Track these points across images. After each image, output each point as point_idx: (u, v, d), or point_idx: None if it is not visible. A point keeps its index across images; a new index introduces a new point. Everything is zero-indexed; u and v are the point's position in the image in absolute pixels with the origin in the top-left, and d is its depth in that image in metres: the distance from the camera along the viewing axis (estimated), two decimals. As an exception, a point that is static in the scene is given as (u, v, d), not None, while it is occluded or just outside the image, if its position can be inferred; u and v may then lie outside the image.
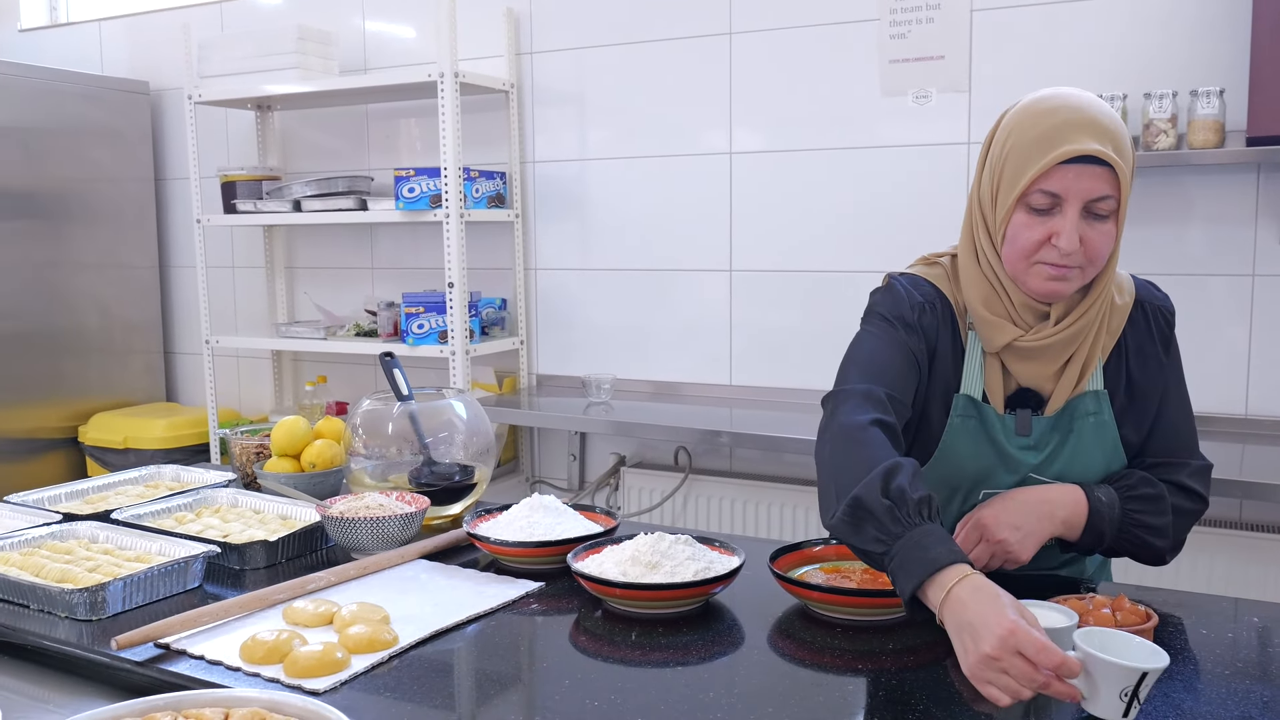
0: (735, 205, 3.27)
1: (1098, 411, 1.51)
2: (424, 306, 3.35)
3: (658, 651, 1.36)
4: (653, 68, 3.34)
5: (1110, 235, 1.39)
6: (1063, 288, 1.42)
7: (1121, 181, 1.36)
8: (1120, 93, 2.60)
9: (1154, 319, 1.55)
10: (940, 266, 1.58)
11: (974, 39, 2.91)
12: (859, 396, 1.43)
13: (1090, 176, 1.35)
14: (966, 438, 1.52)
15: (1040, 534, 1.45)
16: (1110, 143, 1.36)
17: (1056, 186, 1.37)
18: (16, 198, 3.81)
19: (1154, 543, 1.50)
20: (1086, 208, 1.37)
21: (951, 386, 1.53)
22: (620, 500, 3.42)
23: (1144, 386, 1.53)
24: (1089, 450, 1.51)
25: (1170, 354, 1.56)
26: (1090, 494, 1.48)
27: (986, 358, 1.51)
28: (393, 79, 3.38)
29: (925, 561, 1.20)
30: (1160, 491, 1.50)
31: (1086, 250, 1.38)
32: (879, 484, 1.27)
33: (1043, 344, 1.46)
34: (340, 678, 1.27)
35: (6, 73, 3.83)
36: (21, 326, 3.82)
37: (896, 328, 1.51)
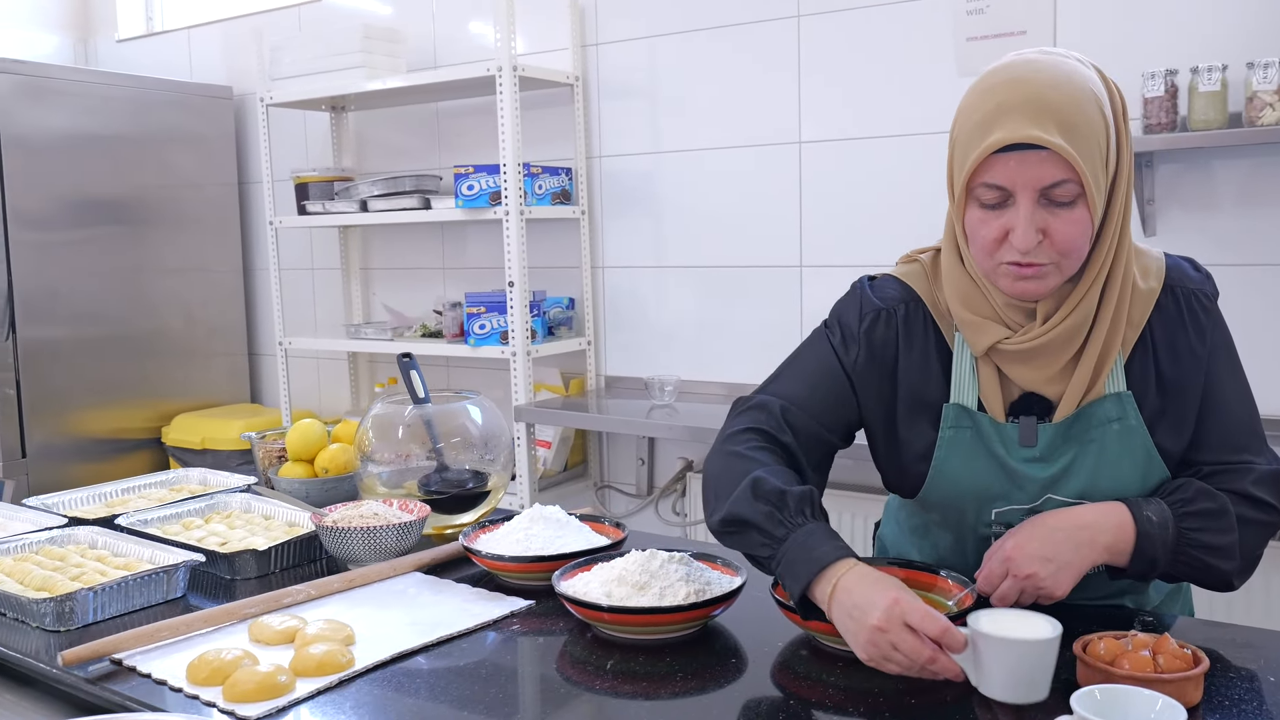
0: (805, 196, 3.10)
1: (1121, 417, 1.30)
2: (485, 306, 3.28)
3: (633, 682, 1.23)
4: (719, 55, 3.19)
5: (1080, 222, 1.21)
6: (1036, 287, 1.25)
7: (1076, 163, 1.18)
8: (1219, 63, 2.34)
9: (1186, 304, 1.32)
10: (918, 264, 1.43)
11: (1058, 12, 2.68)
12: (752, 407, 1.41)
13: (1036, 163, 1.19)
14: (961, 452, 1.35)
15: (1078, 565, 1.26)
16: (1053, 121, 1.18)
17: (1000, 179, 1.21)
18: (105, 205, 3.89)
19: (1218, 565, 1.28)
20: (1045, 196, 1.21)
21: (938, 397, 1.36)
22: (686, 507, 3.28)
23: (1179, 384, 1.32)
24: (1115, 463, 1.31)
25: (1210, 342, 1.32)
26: (1137, 512, 1.27)
27: (980, 362, 1.34)
28: (453, 75, 3.32)
29: (811, 561, 1.20)
30: (1223, 505, 1.28)
31: (1054, 243, 1.22)
32: (749, 493, 1.27)
33: (1031, 346, 1.28)
34: (278, 703, 1.18)
35: (97, 82, 3.92)
36: (109, 330, 3.90)
37: (834, 338, 1.42)
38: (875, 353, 1.39)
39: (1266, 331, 2.48)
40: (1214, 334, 1.33)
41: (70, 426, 3.77)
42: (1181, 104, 2.41)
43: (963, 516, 1.39)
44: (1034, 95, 1.19)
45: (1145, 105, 2.42)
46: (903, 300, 1.40)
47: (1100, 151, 1.21)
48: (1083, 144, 1.19)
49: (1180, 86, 2.41)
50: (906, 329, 1.39)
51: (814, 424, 1.39)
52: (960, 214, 1.29)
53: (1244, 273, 2.50)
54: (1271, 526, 1.32)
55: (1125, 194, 1.27)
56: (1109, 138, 1.22)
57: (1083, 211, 1.22)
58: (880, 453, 1.45)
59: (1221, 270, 2.51)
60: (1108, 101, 1.24)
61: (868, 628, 1.13)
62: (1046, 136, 1.17)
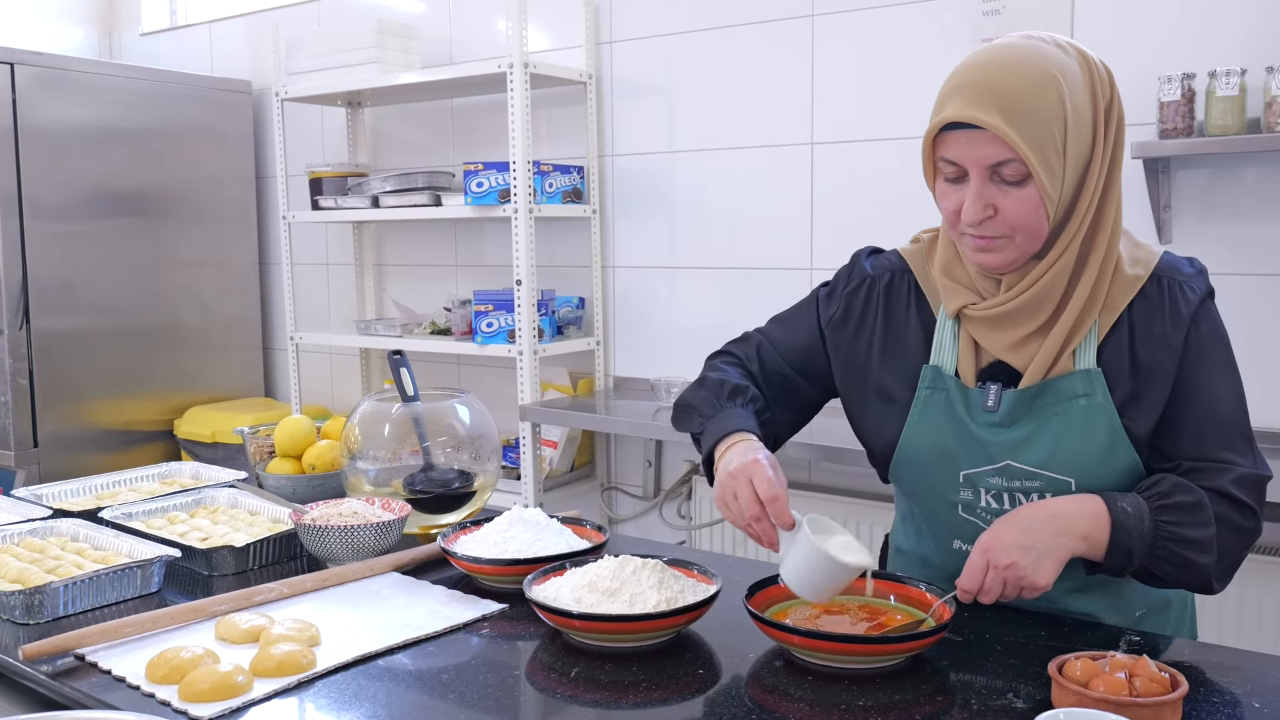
0: (816, 198, 3.06)
1: (1089, 393, 1.31)
2: (493, 305, 3.26)
3: (595, 690, 1.21)
4: (732, 54, 3.15)
5: (1028, 201, 1.25)
6: (991, 260, 1.31)
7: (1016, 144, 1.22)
8: (1238, 67, 2.28)
9: (1169, 293, 1.33)
10: (921, 241, 1.50)
11: (1075, 14, 2.62)
12: (738, 340, 1.61)
13: (982, 142, 1.24)
14: (934, 413, 1.40)
15: (1056, 552, 1.25)
16: (995, 104, 1.22)
17: (952, 154, 1.28)
18: (122, 197, 3.91)
19: (1196, 560, 1.26)
20: (995, 174, 1.26)
21: (918, 362, 1.43)
22: (692, 510, 3.25)
23: (1150, 369, 1.31)
24: (1078, 436, 1.31)
25: (1192, 337, 1.31)
26: (1112, 503, 1.26)
27: (960, 330, 1.39)
28: (463, 72, 3.30)
29: (720, 431, 1.41)
30: (1199, 499, 1.27)
31: (1005, 218, 1.27)
32: (697, 385, 1.54)
33: (994, 313, 1.33)
34: (232, 704, 1.16)
35: (117, 75, 3.94)
36: (123, 321, 3.92)
37: (820, 295, 1.54)
38: (851, 316, 1.49)
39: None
40: (1198, 328, 1.32)
41: (82, 417, 3.79)
42: (1199, 108, 2.35)
43: (933, 482, 1.41)
44: (984, 78, 1.25)
45: (1161, 109, 2.37)
46: (890, 270, 1.48)
47: (1052, 136, 1.24)
48: (1027, 127, 1.22)
49: (1198, 90, 2.35)
50: (887, 299, 1.47)
51: (783, 364, 1.54)
52: (931, 185, 1.35)
53: (1263, 282, 2.44)
54: (1250, 532, 1.30)
55: (1100, 181, 1.29)
56: (1066, 123, 1.24)
57: (1031, 191, 1.25)
58: (855, 418, 1.52)
59: (1239, 279, 2.47)
60: (1083, 90, 1.27)
61: (724, 474, 1.34)
62: (984, 117, 1.23)
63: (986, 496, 1.38)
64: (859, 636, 1.23)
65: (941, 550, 1.46)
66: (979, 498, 1.38)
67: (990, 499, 1.37)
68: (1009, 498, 1.36)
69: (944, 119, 1.26)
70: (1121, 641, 1.30)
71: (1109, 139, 1.29)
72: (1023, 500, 1.35)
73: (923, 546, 1.51)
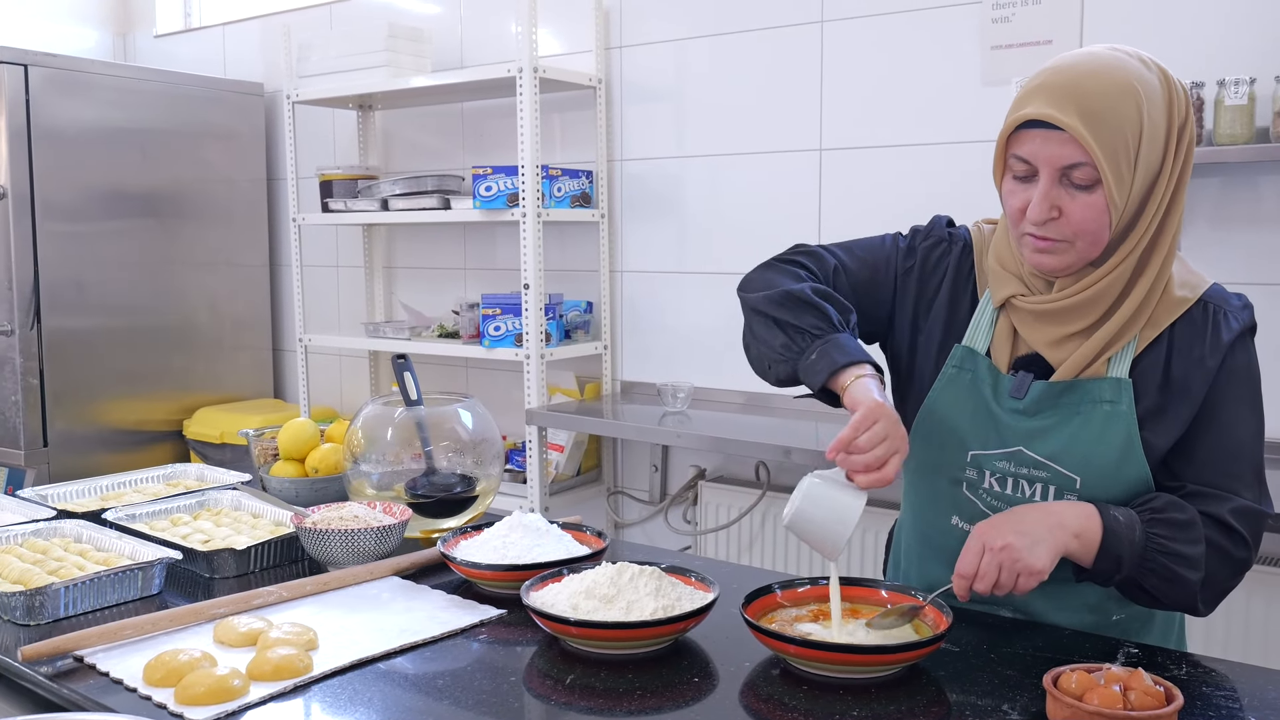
0: (824, 205, 3.06)
1: (1114, 400, 1.33)
2: (501, 308, 3.27)
3: (590, 697, 1.21)
4: (741, 60, 3.16)
5: (1095, 207, 1.26)
6: (1049, 261, 1.31)
7: (1091, 148, 1.22)
8: (1247, 76, 2.27)
9: (1213, 318, 1.33)
10: (993, 225, 1.50)
11: (1085, 21, 2.62)
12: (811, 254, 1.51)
13: (1058, 142, 1.25)
14: (956, 390, 1.42)
15: (1053, 543, 1.26)
16: (1075, 106, 1.23)
17: (1025, 152, 1.28)
18: (134, 198, 3.93)
19: (1184, 575, 1.28)
20: (1065, 176, 1.26)
21: (956, 336, 1.44)
22: (697, 516, 3.25)
23: (1181, 387, 1.32)
24: (1094, 439, 1.33)
25: (1226, 364, 1.32)
26: (1104, 511, 1.29)
27: (1000, 316, 1.41)
28: (475, 76, 3.31)
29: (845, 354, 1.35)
30: (1191, 517, 1.29)
31: (1069, 222, 1.27)
32: (810, 288, 1.41)
33: (1041, 309, 1.34)
34: (228, 708, 1.16)
35: (130, 76, 3.96)
36: (134, 321, 3.94)
37: (900, 242, 1.52)
38: (924, 271, 1.48)
39: (1292, 354, 2.40)
40: (1234, 357, 1.33)
41: (93, 417, 3.81)
42: (1208, 118, 2.34)
43: (941, 456, 1.43)
44: (1067, 81, 1.25)
45: (1170, 118, 2.35)
46: (962, 241, 1.49)
47: (1126, 145, 1.24)
48: (1103, 133, 1.22)
49: (1207, 99, 2.34)
50: (957, 267, 1.47)
51: (853, 295, 1.48)
52: (999, 182, 1.35)
53: (1268, 291, 2.42)
54: (1241, 563, 1.31)
55: (1165, 197, 1.29)
56: (1141, 135, 1.24)
57: (1099, 197, 1.25)
58: (900, 372, 1.52)
59: (1249, 288, 2.44)
60: (1161, 103, 1.26)
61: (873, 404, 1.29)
62: (1062, 117, 1.23)
63: (991, 479, 1.40)
64: (854, 646, 1.23)
65: (939, 526, 1.48)
66: (983, 478, 1.40)
67: (994, 481, 1.40)
68: (1013, 483, 1.38)
69: (1023, 116, 1.26)
70: (1119, 654, 1.30)
71: (1179, 157, 1.29)
72: (1026, 488, 1.37)
73: (920, 522, 1.53)
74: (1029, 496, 1.37)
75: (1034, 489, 1.37)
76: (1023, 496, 1.38)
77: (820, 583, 1.40)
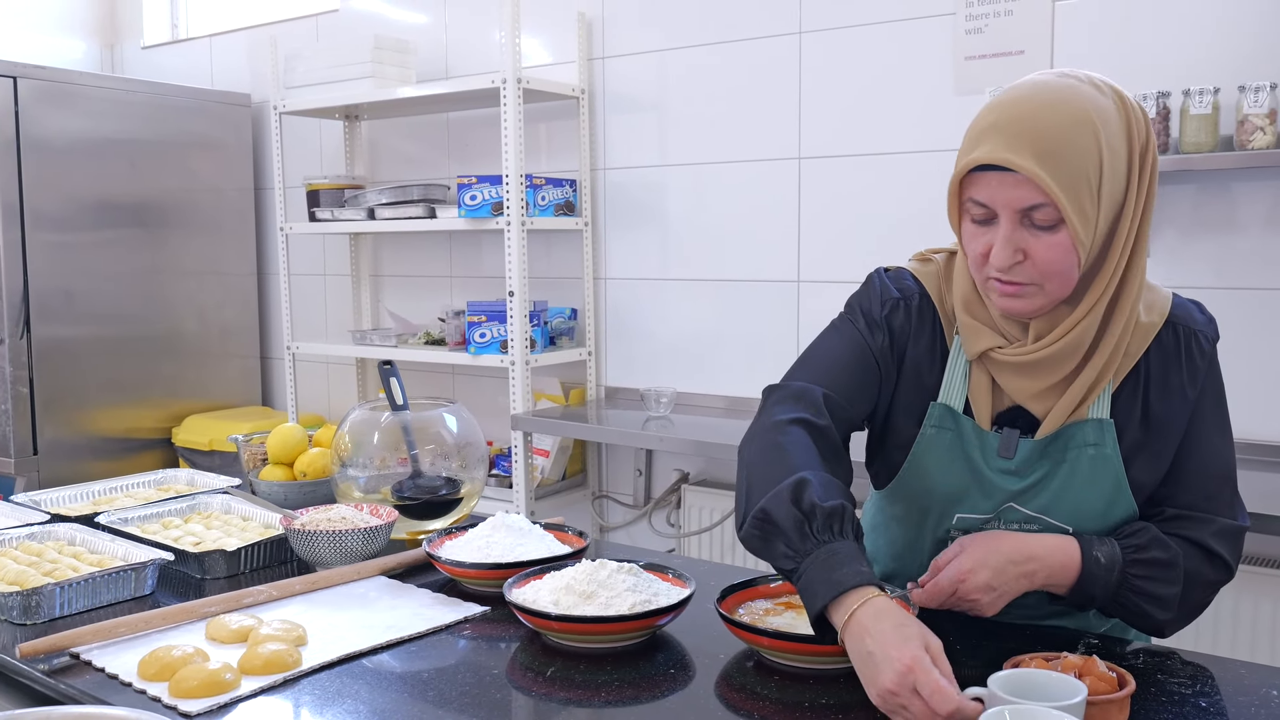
0: (803, 212, 3.11)
1: (1098, 443, 1.31)
2: (486, 315, 3.31)
3: (569, 689, 1.25)
4: (723, 70, 3.21)
5: (1060, 247, 1.21)
6: (1020, 305, 1.26)
7: (1050, 189, 1.18)
8: (1211, 86, 2.34)
9: (1185, 343, 1.33)
10: (934, 263, 1.43)
11: (1056, 32, 2.68)
12: (793, 395, 1.35)
13: (1013, 184, 1.20)
14: (939, 452, 1.36)
15: (1013, 594, 1.31)
16: (1030, 146, 1.18)
17: (982, 196, 1.23)
18: (123, 208, 3.97)
19: (1154, 614, 1.32)
20: (1026, 217, 1.22)
21: (930, 393, 1.38)
22: (681, 519, 3.30)
23: (1163, 421, 1.32)
24: (1082, 487, 1.33)
25: (1202, 387, 1.33)
26: (1087, 552, 1.30)
27: (974, 367, 1.35)
28: (458, 86, 3.36)
29: (830, 583, 1.14)
30: (1173, 557, 1.30)
31: (1035, 264, 1.22)
32: (788, 496, 1.19)
33: (1022, 360, 1.29)
34: (220, 700, 1.21)
35: (118, 88, 4.00)
36: (123, 330, 3.97)
37: (859, 324, 1.41)
38: (895, 339, 1.40)
39: (1257, 357, 2.46)
40: (1208, 378, 1.34)
41: (82, 425, 3.84)
42: (1173, 126, 2.41)
43: (925, 516, 1.41)
44: (1020, 117, 1.20)
45: (1137, 127, 2.42)
46: (914, 293, 1.41)
47: (1087, 180, 1.19)
48: (1061, 171, 1.18)
49: (1172, 109, 2.40)
50: (919, 320, 1.40)
51: (849, 409, 1.37)
52: (956, 225, 1.31)
53: (1236, 296, 2.49)
54: (1218, 584, 1.34)
55: (1133, 226, 1.25)
56: (1102, 167, 1.20)
57: (1064, 237, 1.21)
58: (874, 434, 1.46)
59: (1216, 293, 2.52)
60: (1119, 131, 1.22)
61: (881, 688, 1.08)
62: (1017, 160, 1.18)
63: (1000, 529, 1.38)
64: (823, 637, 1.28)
65: (915, 561, 1.47)
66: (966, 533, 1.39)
67: None
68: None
69: (975, 160, 1.21)
70: (1080, 644, 1.35)
71: (1143, 182, 1.24)
72: None
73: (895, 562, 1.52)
74: None
75: None
76: None
77: None
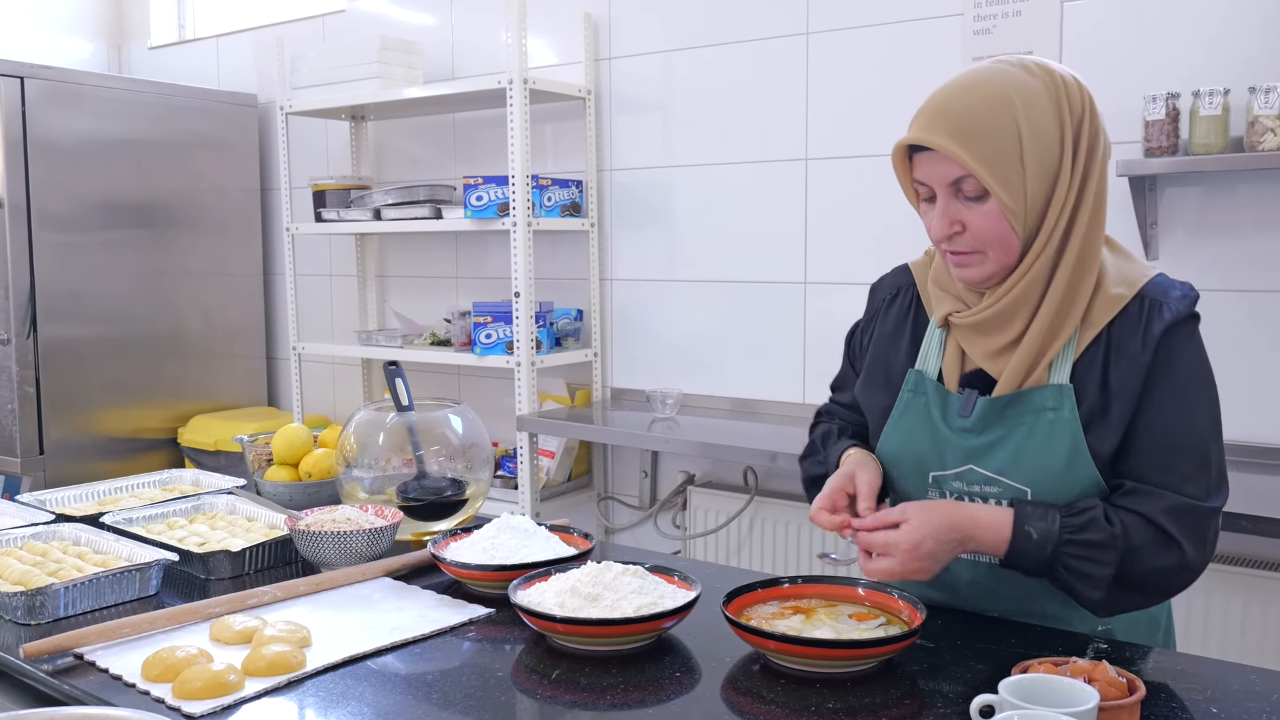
0: (810, 214, 3.11)
1: (1057, 407, 1.35)
2: (492, 316, 3.31)
3: (574, 692, 1.25)
4: (730, 71, 3.21)
5: (991, 215, 1.32)
6: (972, 274, 1.37)
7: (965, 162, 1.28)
8: (1221, 87, 2.32)
9: (1146, 312, 1.33)
10: (929, 255, 1.55)
11: (1064, 33, 2.67)
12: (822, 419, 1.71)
13: (940, 161, 1.32)
14: (913, 415, 1.47)
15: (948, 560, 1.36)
16: (944, 126, 1.30)
17: (920, 175, 1.36)
18: (129, 208, 3.97)
19: (1083, 592, 1.33)
20: (958, 191, 1.33)
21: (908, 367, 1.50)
22: (686, 521, 3.29)
23: (1118, 388, 1.33)
24: (1040, 449, 1.35)
25: (1158, 355, 1.32)
26: (1019, 526, 1.33)
27: (947, 339, 1.46)
28: (464, 87, 3.36)
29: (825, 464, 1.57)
30: (1108, 539, 1.30)
31: (973, 234, 1.34)
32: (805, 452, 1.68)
33: (972, 321, 1.39)
34: (223, 701, 1.20)
35: (125, 88, 4.00)
36: (129, 331, 3.98)
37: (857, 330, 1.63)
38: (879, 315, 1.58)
39: (1266, 358, 2.45)
40: (1169, 348, 1.32)
41: (88, 425, 3.84)
42: (1183, 127, 2.39)
43: (903, 481, 1.49)
44: (940, 102, 1.33)
45: (1146, 128, 2.41)
46: (896, 287, 1.57)
47: (1006, 152, 1.29)
48: (975, 145, 1.29)
49: (1182, 110, 2.39)
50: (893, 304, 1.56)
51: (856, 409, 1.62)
52: (916, 208, 1.42)
53: (1244, 298, 2.48)
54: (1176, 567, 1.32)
55: (1069, 196, 1.32)
56: (1022, 140, 1.29)
57: (993, 206, 1.31)
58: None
59: (1223, 295, 2.51)
60: (1045, 105, 1.31)
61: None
62: (933, 138, 1.31)
63: (950, 498, 1.42)
64: (830, 641, 1.27)
65: None
66: (944, 497, 1.44)
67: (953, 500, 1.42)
68: (969, 500, 1.41)
69: (901, 143, 1.35)
70: (1089, 649, 1.34)
71: (1079, 154, 1.31)
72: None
73: None
74: None
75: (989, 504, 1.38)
76: None
77: (799, 581, 1.44)
